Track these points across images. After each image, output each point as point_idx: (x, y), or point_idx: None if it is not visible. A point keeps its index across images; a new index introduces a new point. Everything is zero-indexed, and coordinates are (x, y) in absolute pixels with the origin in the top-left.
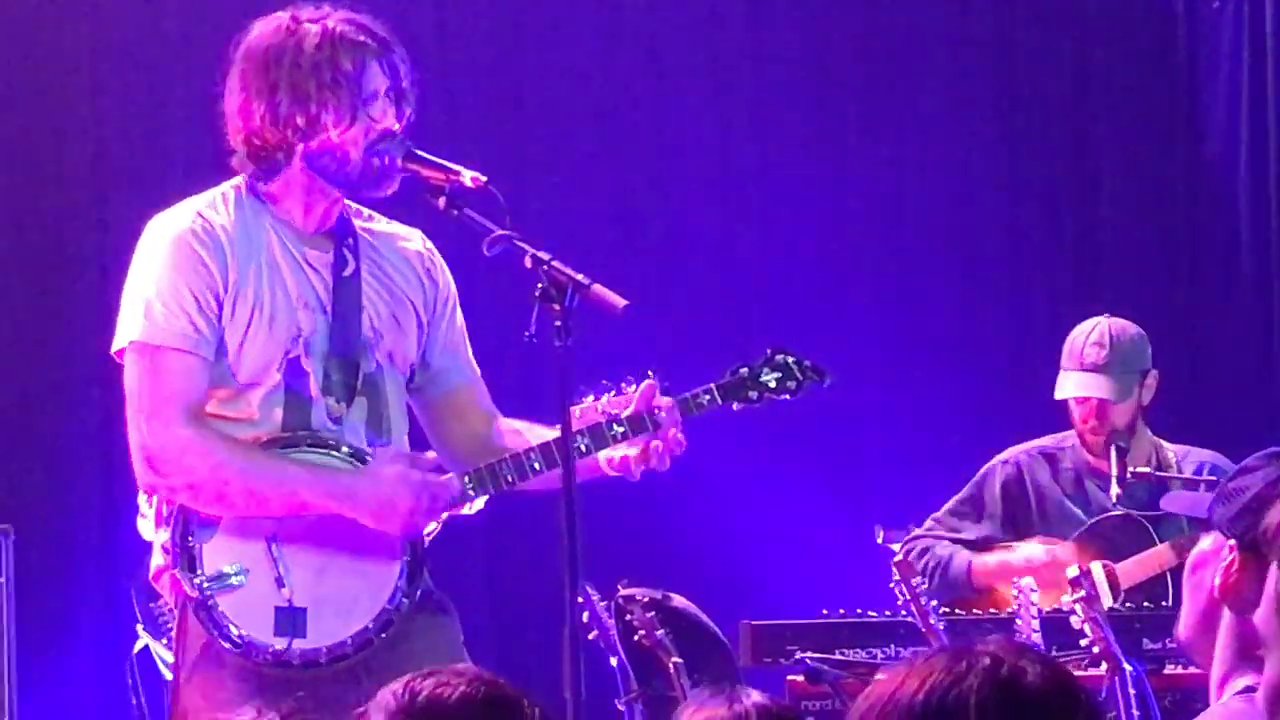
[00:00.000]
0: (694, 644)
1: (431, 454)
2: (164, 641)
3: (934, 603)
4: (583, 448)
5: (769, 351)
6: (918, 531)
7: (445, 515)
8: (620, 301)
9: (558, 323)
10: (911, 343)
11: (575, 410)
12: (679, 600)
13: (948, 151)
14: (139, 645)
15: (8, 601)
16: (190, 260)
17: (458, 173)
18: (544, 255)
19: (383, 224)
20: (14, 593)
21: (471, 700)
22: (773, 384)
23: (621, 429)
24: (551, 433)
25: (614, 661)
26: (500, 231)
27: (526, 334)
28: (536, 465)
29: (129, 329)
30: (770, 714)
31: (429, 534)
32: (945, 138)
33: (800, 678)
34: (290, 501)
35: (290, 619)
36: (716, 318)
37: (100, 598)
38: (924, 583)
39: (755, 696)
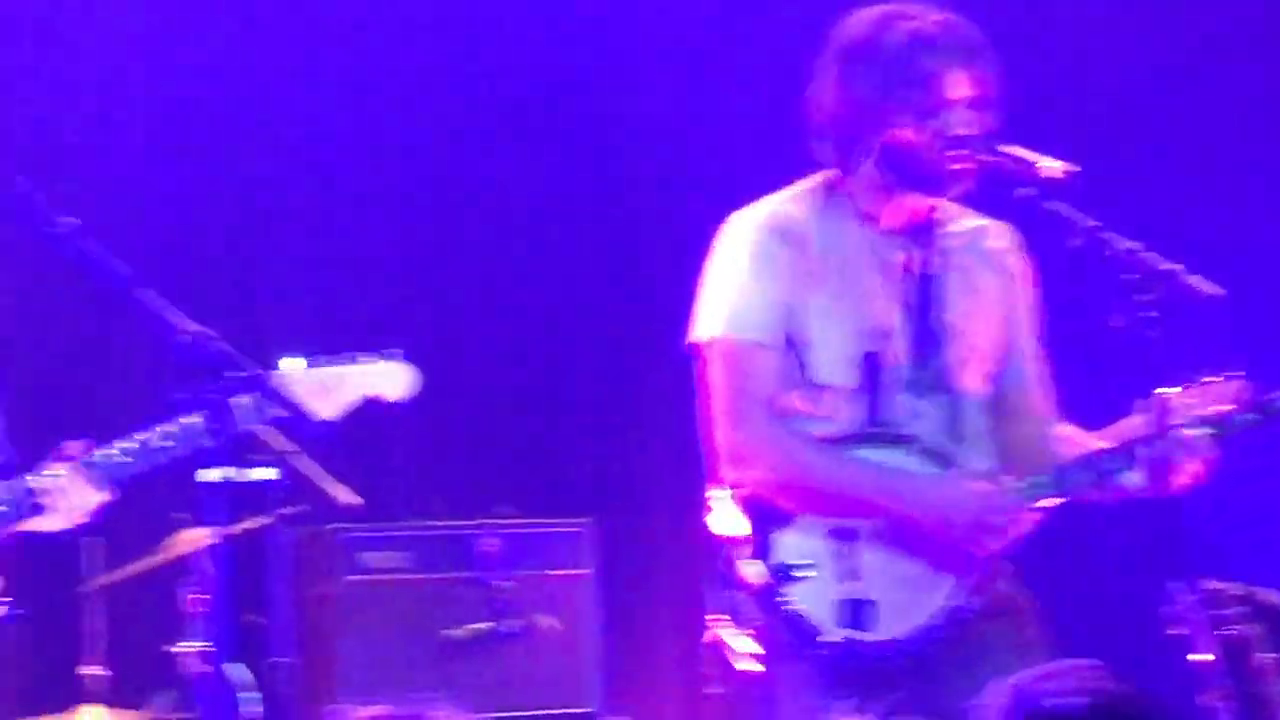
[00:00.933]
0: None
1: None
2: (736, 633)
3: None
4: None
5: None
6: None
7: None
8: (1214, 290)
9: (1149, 313)
10: None
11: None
12: (1272, 595)
13: None
14: (712, 635)
15: (591, 592)
16: (768, 256)
17: (1045, 165)
18: (1135, 245)
19: (970, 220)
20: (598, 583)
21: (1097, 709)
22: None
23: (1255, 417)
24: (1098, 443)
25: (1201, 658)
26: (1089, 222)
27: (1113, 323)
28: (1110, 466)
29: (708, 324)
30: None
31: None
32: None
33: None
34: (859, 503)
35: (858, 612)
36: None
37: (678, 587)
38: None
39: None
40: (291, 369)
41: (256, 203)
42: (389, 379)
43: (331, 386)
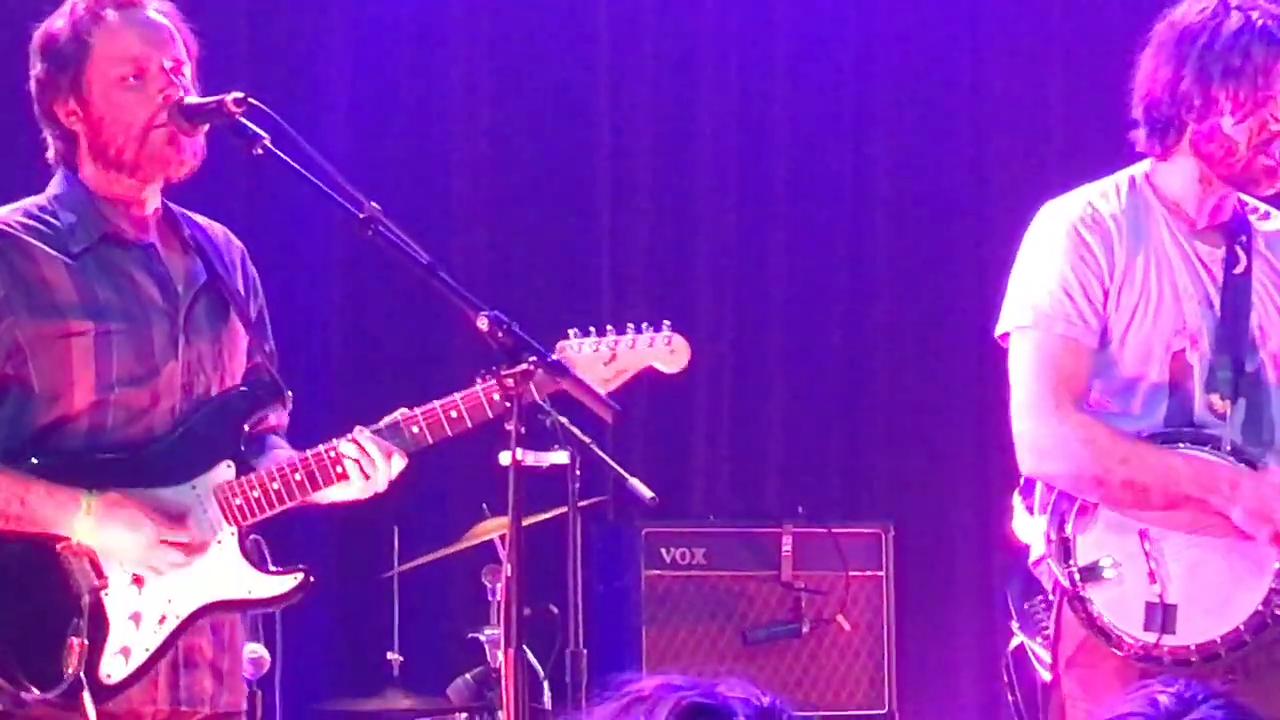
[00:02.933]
0: None
1: None
2: (1039, 640)
3: None
4: None
5: None
6: None
7: None
8: None
9: None
10: None
11: None
12: None
13: None
14: (1014, 642)
15: (888, 594)
16: (1078, 248)
17: None
18: None
19: (1277, 218)
20: (894, 586)
21: None
22: None
23: None
24: None
25: None
26: None
27: None
28: None
29: (1013, 315)
30: None
31: None
32: None
33: None
34: (1170, 493)
35: (1160, 615)
36: None
37: (976, 593)
38: None
39: None
40: (576, 340)
41: (577, 182)
42: (666, 350)
43: (606, 359)
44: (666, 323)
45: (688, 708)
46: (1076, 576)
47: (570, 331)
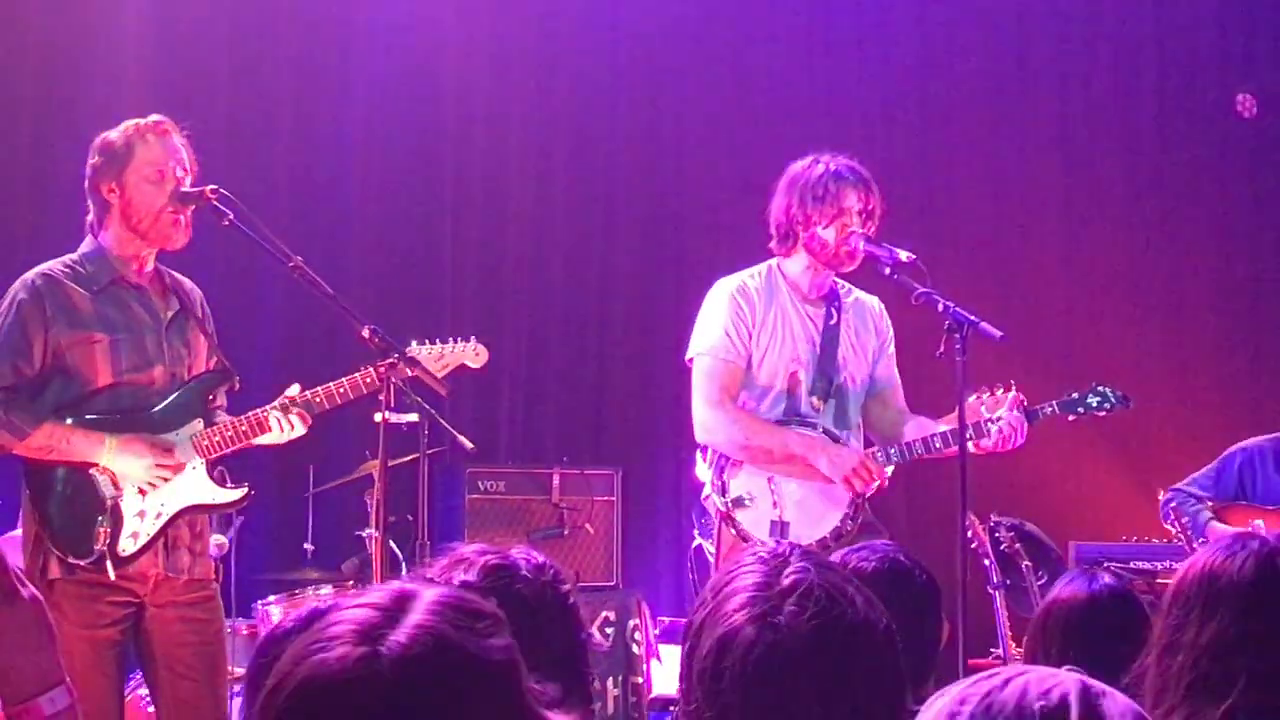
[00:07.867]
0: (1038, 554)
1: (874, 449)
2: (709, 542)
3: (1200, 539)
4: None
5: (1094, 384)
6: (1177, 488)
7: (876, 483)
8: (997, 333)
9: (958, 347)
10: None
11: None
12: (1030, 526)
13: None
14: (695, 544)
15: (618, 512)
16: (735, 307)
17: (897, 253)
18: (950, 303)
19: (856, 294)
20: (622, 507)
21: (878, 571)
22: (1094, 404)
23: (994, 425)
24: (945, 425)
25: (986, 562)
26: (922, 290)
27: (937, 353)
28: (938, 444)
29: (695, 345)
30: (1116, 593)
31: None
32: None
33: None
34: (785, 454)
35: (780, 528)
36: (1050, 345)
37: (673, 512)
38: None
39: (1107, 579)
40: (418, 346)
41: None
42: (474, 354)
43: (438, 358)
44: (473, 336)
45: (492, 565)
46: (729, 505)
47: (413, 341)
